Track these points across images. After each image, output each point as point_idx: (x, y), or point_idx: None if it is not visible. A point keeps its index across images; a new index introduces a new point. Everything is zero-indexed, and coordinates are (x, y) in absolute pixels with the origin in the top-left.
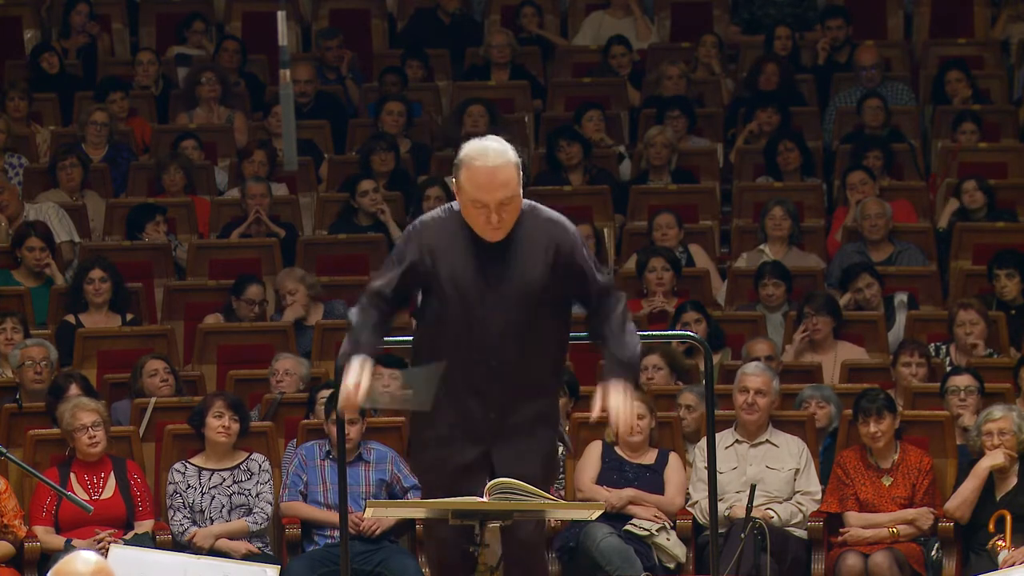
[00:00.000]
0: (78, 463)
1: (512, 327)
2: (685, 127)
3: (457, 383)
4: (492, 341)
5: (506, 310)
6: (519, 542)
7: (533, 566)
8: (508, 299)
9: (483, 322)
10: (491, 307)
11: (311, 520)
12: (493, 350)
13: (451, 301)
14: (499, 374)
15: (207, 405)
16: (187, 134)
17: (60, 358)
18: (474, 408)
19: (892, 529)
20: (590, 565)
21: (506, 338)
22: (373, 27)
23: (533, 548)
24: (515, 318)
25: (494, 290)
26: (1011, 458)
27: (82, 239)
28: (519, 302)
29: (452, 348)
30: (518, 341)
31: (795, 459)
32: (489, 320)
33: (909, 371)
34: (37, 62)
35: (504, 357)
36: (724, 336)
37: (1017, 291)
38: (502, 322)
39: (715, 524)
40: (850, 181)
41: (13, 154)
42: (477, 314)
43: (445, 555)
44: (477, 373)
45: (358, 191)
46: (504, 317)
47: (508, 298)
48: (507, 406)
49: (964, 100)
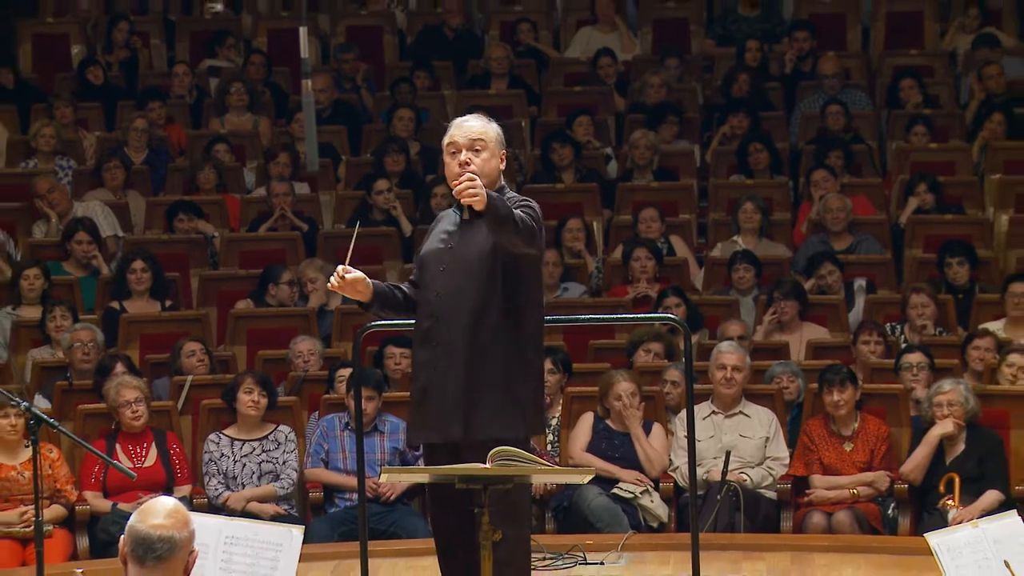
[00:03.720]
0: (123, 435)
1: (456, 289)
2: (676, 132)
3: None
4: (441, 302)
5: (454, 274)
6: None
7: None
8: (457, 264)
9: (436, 286)
10: (443, 273)
11: (332, 485)
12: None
13: (424, 270)
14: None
15: (238, 382)
16: (218, 138)
17: (106, 340)
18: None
19: (853, 490)
20: (582, 523)
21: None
22: (385, 42)
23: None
24: (460, 281)
25: (449, 257)
26: (959, 427)
27: (125, 233)
28: (466, 267)
29: (422, 307)
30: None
31: (765, 428)
32: (440, 283)
33: (868, 349)
34: (84, 74)
35: (459, 317)
36: (702, 318)
37: (967, 277)
38: (450, 284)
39: (694, 487)
40: (814, 178)
41: (63, 157)
42: (434, 279)
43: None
44: (435, 329)
45: (373, 189)
46: (453, 280)
47: (458, 263)
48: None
49: (916, 105)
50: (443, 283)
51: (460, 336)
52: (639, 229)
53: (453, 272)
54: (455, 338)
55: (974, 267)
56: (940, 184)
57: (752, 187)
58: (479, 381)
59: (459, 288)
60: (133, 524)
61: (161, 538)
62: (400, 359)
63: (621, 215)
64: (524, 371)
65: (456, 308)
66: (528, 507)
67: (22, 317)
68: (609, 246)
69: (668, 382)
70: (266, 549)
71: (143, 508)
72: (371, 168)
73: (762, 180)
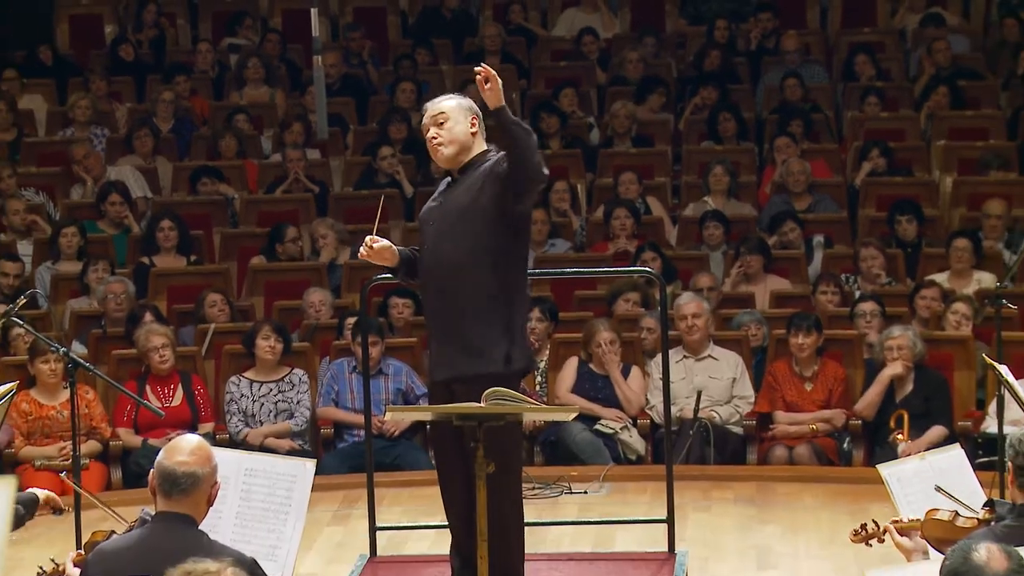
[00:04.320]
0: (152, 377)
1: (449, 241)
2: (662, 103)
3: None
4: (438, 255)
5: (442, 228)
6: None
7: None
8: (447, 219)
9: (431, 240)
10: (433, 227)
11: (341, 422)
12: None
13: (421, 229)
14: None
15: (256, 329)
16: (238, 109)
17: (136, 292)
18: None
19: (812, 426)
20: (567, 456)
21: (445, 250)
22: (389, 22)
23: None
24: (451, 232)
25: (441, 214)
26: (907, 368)
27: (154, 195)
28: (455, 221)
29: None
30: (455, 252)
31: (732, 370)
32: (431, 239)
33: (826, 298)
34: (116, 51)
35: (445, 267)
36: (675, 271)
37: (915, 233)
38: (443, 238)
39: (668, 423)
40: (777, 144)
41: (97, 126)
42: (426, 236)
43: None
44: (432, 278)
45: (378, 155)
46: (441, 234)
47: (447, 218)
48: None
49: (869, 78)
50: (433, 238)
51: (449, 285)
52: (619, 191)
53: (441, 226)
54: (445, 287)
55: (921, 224)
56: (891, 149)
57: (721, 152)
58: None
59: (446, 241)
60: (160, 461)
61: (185, 474)
62: (403, 308)
63: (602, 178)
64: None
65: (443, 260)
66: (520, 442)
67: (60, 271)
68: (592, 206)
69: (645, 329)
70: (282, 480)
71: (169, 446)
72: (376, 136)
73: (730, 146)
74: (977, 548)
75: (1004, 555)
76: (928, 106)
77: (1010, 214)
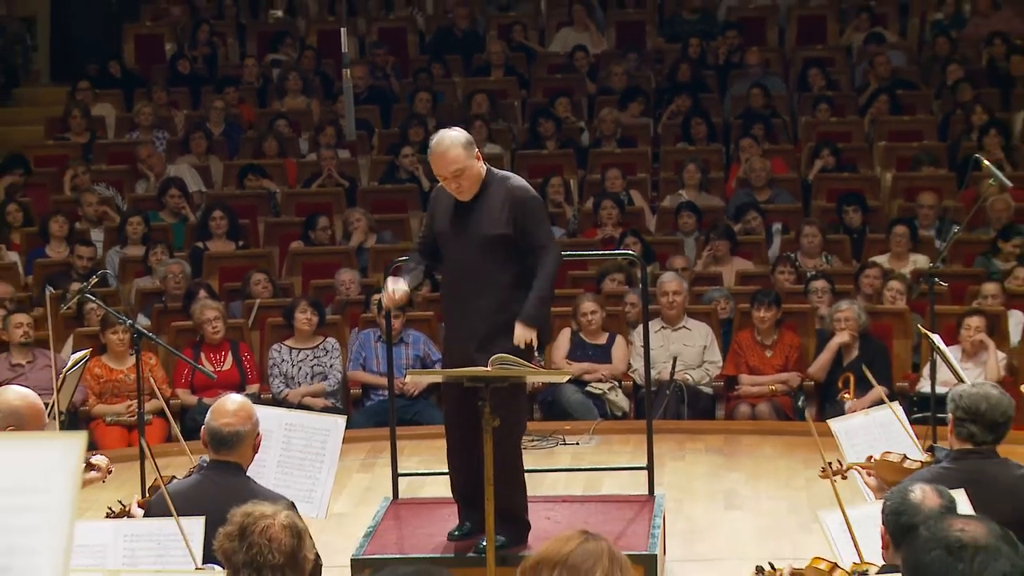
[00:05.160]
0: (205, 345)
1: (470, 266)
2: (641, 109)
3: (448, 308)
4: (460, 278)
5: (468, 252)
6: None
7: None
8: (470, 243)
9: (455, 261)
10: (459, 249)
11: (368, 384)
12: (461, 279)
13: (442, 247)
14: (467, 297)
15: (295, 304)
16: (279, 115)
17: (192, 272)
18: (459, 319)
19: (771, 387)
20: (562, 413)
21: (468, 275)
22: (408, 40)
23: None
24: (472, 257)
25: (460, 236)
26: (853, 337)
27: (207, 189)
28: (477, 247)
29: (445, 279)
30: (475, 277)
31: (703, 339)
32: (458, 259)
33: (783, 277)
34: (175, 66)
35: (467, 285)
36: (654, 254)
37: (859, 221)
38: (464, 264)
39: (648, 384)
40: (742, 145)
41: (159, 130)
42: (453, 254)
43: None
44: (456, 296)
45: (400, 154)
46: (465, 256)
47: (470, 242)
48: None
49: (820, 88)
50: (461, 257)
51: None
52: (606, 185)
53: (470, 252)
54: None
55: (865, 213)
56: (839, 149)
57: (693, 152)
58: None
59: (477, 263)
60: (208, 422)
61: (229, 433)
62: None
63: (592, 174)
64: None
65: (475, 278)
66: (524, 399)
67: (127, 254)
68: (582, 198)
69: (628, 304)
70: (317, 434)
71: (214, 408)
72: (398, 138)
73: (701, 147)
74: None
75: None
76: (871, 112)
77: (940, 204)
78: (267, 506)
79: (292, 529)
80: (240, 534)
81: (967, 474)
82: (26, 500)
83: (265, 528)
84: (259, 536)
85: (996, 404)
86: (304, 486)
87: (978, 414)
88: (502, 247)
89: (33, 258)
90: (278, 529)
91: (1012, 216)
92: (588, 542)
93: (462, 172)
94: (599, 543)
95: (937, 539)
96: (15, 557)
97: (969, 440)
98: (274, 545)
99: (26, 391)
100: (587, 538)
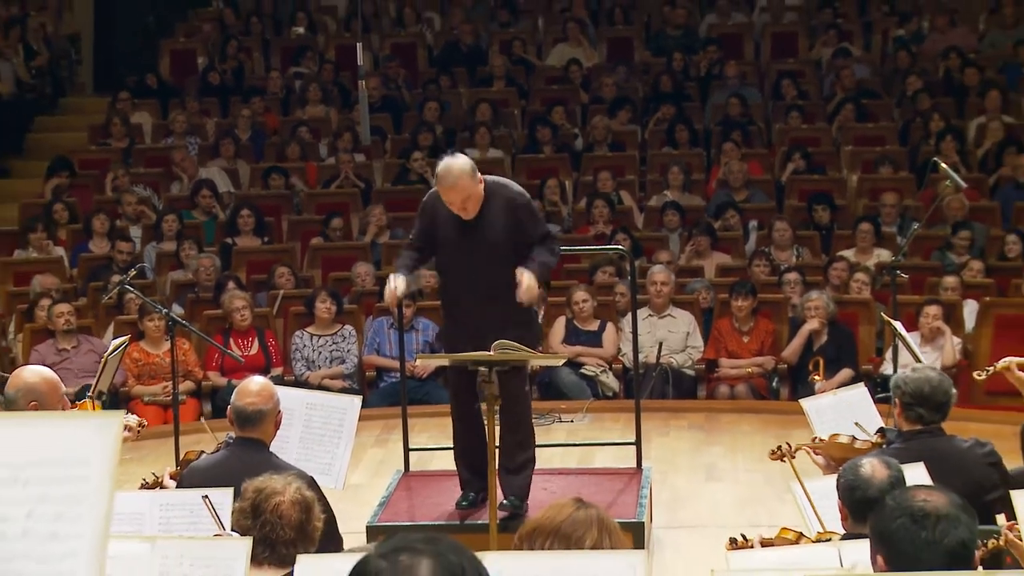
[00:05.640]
0: (234, 332)
1: (479, 273)
2: (629, 117)
3: (455, 305)
4: (467, 284)
5: (476, 260)
6: (508, 385)
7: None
8: (476, 256)
9: (462, 272)
10: (467, 259)
11: (381, 367)
12: (468, 289)
13: (446, 256)
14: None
15: (315, 294)
16: (301, 123)
17: (222, 265)
18: (466, 320)
19: (749, 369)
20: (558, 393)
21: (475, 281)
22: (418, 54)
23: (517, 388)
24: (481, 267)
25: (468, 247)
26: (822, 324)
27: (235, 190)
28: (482, 257)
29: (450, 285)
30: (483, 282)
31: (687, 326)
32: (466, 267)
33: (759, 270)
34: (206, 78)
35: (478, 289)
36: (641, 248)
37: (828, 219)
38: (472, 271)
39: (637, 367)
40: (723, 150)
41: (191, 136)
42: (459, 263)
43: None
44: (464, 299)
45: (410, 158)
46: (471, 260)
47: (476, 255)
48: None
49: (792, 98)
50: (467, 262)
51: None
52: (597, 186)
53: (477, 258)
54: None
55: (833, 212)
56: (809, 154)
57: (677, 156)
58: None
59: (484, 268)
60: (233, 401)
61: (253, 411)
62: (430, 279)
63: (585, 176)
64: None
65: (485, 281)
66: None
67: (163, 249)
68: (576, 198)
69: (618, 293)
70: (335, 412)
71: (239, 389)
72: (408, 143)
73: (684, 151)
74: (863, 464)
75: (884, 467)
76: (838, 119)
77: (901, 204)
78: (278, 481)
79: (301, 504)
80: (253, 512)
81: (919, 452)
82: (71, 472)
83: (276, 506)
84: (270, 514)
85: (938, 385)
86: (323, 460)
87: (923, 397)
88: (506, 251)
89: (78, 253)
90: (288, 506)
91: (966, 214)
92: (579, 511)
93: (469, 198)
94: (589, 511)
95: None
96: (61, 524)
97: (919, 421)
98: (284, 521)
99: (40, 368)
100: (579, 507)
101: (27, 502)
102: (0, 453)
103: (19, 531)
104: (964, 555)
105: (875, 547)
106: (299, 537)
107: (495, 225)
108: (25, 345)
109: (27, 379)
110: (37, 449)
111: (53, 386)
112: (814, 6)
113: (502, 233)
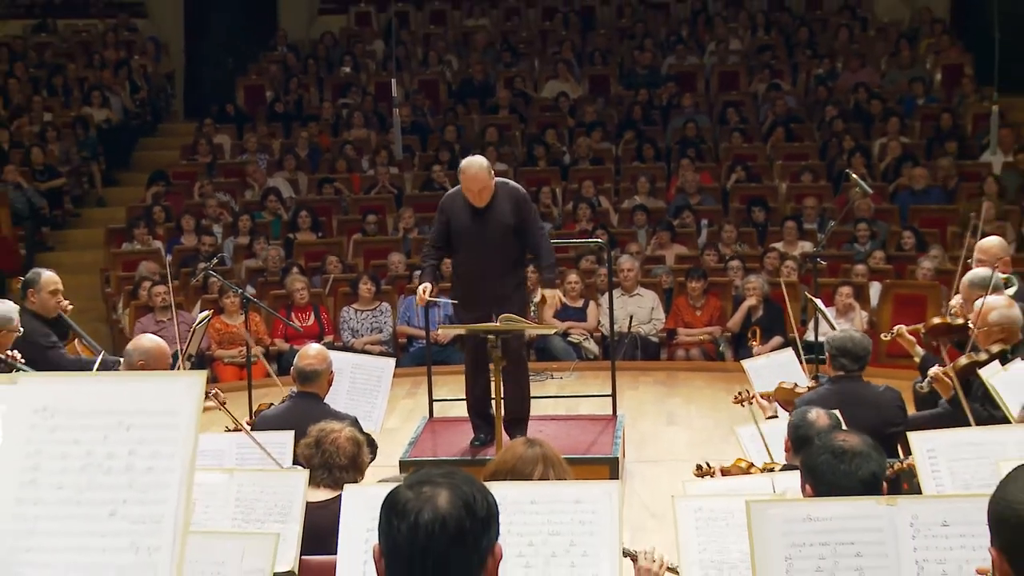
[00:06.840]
0: (295, 307)
1: (492, 250)
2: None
3: (468, 281)
4: (482, 259)
5: (488, 241)
6: (511, 349)
7: (519, 361)
8: (490, 236)
9: (476, 250)
10: (480, 241)
11: (411, 335)
12: (483, 263)
13: (460, 241)
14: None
15: (359, 278)
16: (347, 142)
17: (285, 255)
18: (477, 292)
19: (701, 337)
20: (550, 356)
21: (489, 256)
22: (440, 88)
23: (518, 352)
24: (494, 244)
25: (480, 230)
26: (759, 301)
27: (296, 196)
28: (495, 236)
29: (464, 265)
30: (496, 256)
31: (651, 303)
32: (480, 248)
33: (709, 258)
34: (272, 107)
35: (490, 265)
36: (616, 241)
37: (763, 218)
38: (487, 248)
39: (612, 335)
40: (681, 164)
41: (261, 153)
42: (474, 244)
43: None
44: (476, 274)
45: (433, 170)
46: (487, 245)
47: (490, 235)
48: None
49: (735, 123)
50: (480, 248)
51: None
52: (581, 192)
53: (489, 247)
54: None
55: (767, 212)
56: (749, 167)
57: (644, 168)
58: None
59: (495, 253)
60: (295, 362)
61: (310, 371)
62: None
63: (571, 184)
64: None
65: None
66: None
67: (239, 242)
68: (565, 202)
69: (598, 277)
70: (375, 371)
71: (299, 353)
72: (432, 159)
73: (650, 165)
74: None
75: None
76: (771, 140)
77: (821, 206)
78: (336, 423)
79: (354, 440)
80: (315, 444)
81: (842, 393)
82: (165, 419)
83: (334, 439)
84: (329, 445)
85: (859, 342)
86: (365, 409)
87: (846, 350)
88: (512, 233)
89: (172, 245)
90: (343, 440)
91: (872, 214)
92: (528, 450)
93: (484, 188)
94: (535, 450)
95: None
96: (158, 460)
97: (842, 369)
98: (340, 451)
99: (157, 338)
100: (528, 446)
101: (130, 442)
102: (110, 403)
103: (123, 465)
104: (875, 484)
105: (804, 478)
106: (351, 465)
107: (502, 211)
108: (131, 318)
109: (143, 343)
110: (138, 401)
111: (162, 352)
112: (753, 50)
113: (508, 218)
